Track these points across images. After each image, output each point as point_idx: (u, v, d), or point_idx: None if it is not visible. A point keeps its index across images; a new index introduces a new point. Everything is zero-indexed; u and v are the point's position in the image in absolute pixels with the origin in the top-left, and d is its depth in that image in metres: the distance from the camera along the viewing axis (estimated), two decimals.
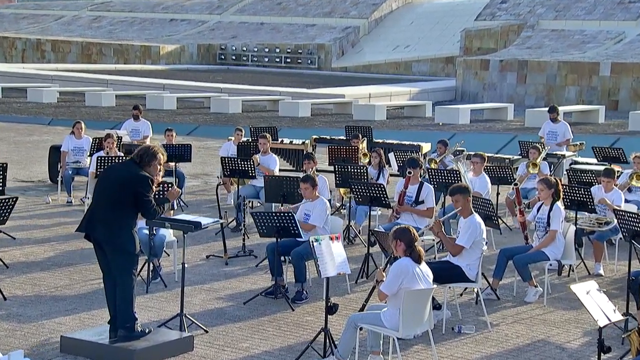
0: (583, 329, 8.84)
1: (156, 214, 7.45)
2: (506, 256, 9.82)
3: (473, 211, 8.97)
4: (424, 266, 7.35)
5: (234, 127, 24.00)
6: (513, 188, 10.78)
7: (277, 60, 47.99)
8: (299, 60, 47.57)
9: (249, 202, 12.44)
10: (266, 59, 48.24)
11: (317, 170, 11.85)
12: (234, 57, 49.27)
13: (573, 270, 10.65)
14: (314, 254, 7.57)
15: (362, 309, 7.72)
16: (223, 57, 49.43)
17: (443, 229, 9.05)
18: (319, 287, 9.84)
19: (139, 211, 7.44)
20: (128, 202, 7.37)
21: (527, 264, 9.68)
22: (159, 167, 7.57)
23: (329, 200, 11.28)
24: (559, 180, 10.08)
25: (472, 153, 13.12)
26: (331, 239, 7.71)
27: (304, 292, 9.43)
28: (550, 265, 10.02)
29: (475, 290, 9.45)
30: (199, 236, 12.31)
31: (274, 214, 9.16)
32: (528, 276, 9.69)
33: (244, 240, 11.40)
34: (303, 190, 9.73)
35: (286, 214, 9.11)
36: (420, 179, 10.91)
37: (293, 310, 9.05)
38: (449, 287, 8.86)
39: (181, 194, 12.69)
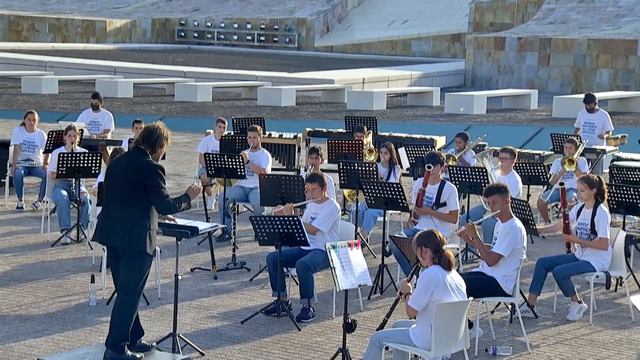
0: (637, 350, 9.26)
1: (172, 208, 7.84)
2: (545, 267, 10.22)
3: (513, 214, 9.38)
4: (455, 274, 7.74)
5: (205, 118, 24.66)
6: (558, 187, 11.18)
7: (249, 38, 48.40)
8: (275, 39, 48.00)
9: (237, 206, 12.75)
10: (235, 37, 48.65)
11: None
12: (196, 35, 49.63)
13: (621, 284, 11.10)
14: (331, 263, 7.95)
15: (381, 326, 8.07)
16: (183, 34, 49.78)
17: (478, 234, 9.43)
18: (327, 304, 10.24)
19: (150, 207, 7.85)
20: (141, 197, 7.76)
21: (570, 276, 10.08)
22: (165, 149, 7.99)
23: None
24: (602, 179, 10.43)
25: (499, 148, 13.55)
26: (350, 245, 8.10)
27: (311, 309, 9.82)
28: (597, 277, 10.44)
29: (510, 306, 9.86)
30: (179, 246, 12.65)
31: (277, 219, 9.53)
32: (571, 290, 10.09)
33: (234, 250, 11.78)
34: (310, 191, 10.11)
35: (291, 219, 9.48)
36: (441, 178, 11.29)
37: (299, 330, 9.44)
38: (482, 302, 9.27)
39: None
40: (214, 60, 40.16)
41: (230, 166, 12.80)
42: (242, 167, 12.80)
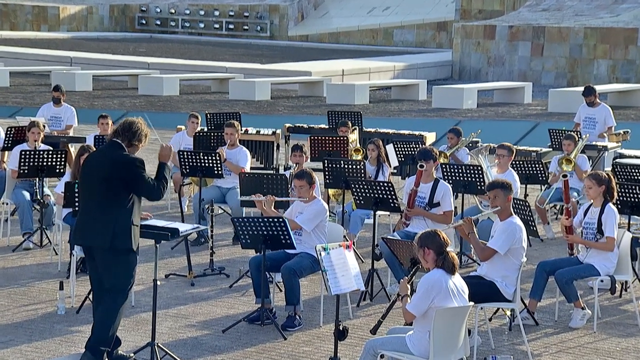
0: None
1: (163, 189, 8.12)
2: (546, 271, 10.42)
3: (513, 213, 9.62)
4: (458, 278, 7.94)
5: (173, 113, 24.80)
6: (562, 179, 11.38)
7: (216, 26, 48.56)
8: (245, 27, 48.19)
9: (211, 207, 12.86)
10: (201, 25, 48.79)
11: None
12: (158, 22, 49.72)
13: (626, 290, 11.36)
14: (322, 266, 8.15)
15: (375, 329, 8.20)
16: (144, 22, 49.86)
17: (475, 230, 9.66)
18: (313, 312, 10.44)
19: (134, 200, 8.05)
20: (122, 193, 7.94)
21: (573, 280, 10.31)
22: (143, 145, 8.20)
23: None
24: (611, 176, 10.67)
25: (494, 145, 13.81)
26: (342, 247, 8.30)
27: (297, 317, 10.01)
28: (602, 281, 10.68)
29: (508, 313, 10.08)
30: (150, 251, 12.81)
31: (261, 220, 9.72)
32: (574, 296, 10.31)
33: (211, 255, 11.95)
34: (297, 188, 10.31)
35: (276, 220, 9.67)
36: (434, 176, 11.52)
37: (285, 339, 9.62)
38: (481, 308, 9.50)
39: None
40: (179, 50, 40.30)
41: (207, 164, 12.95)
42: (219, 165, 12.96)
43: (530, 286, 10.56)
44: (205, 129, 16.45)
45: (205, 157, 13.02)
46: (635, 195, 11.76)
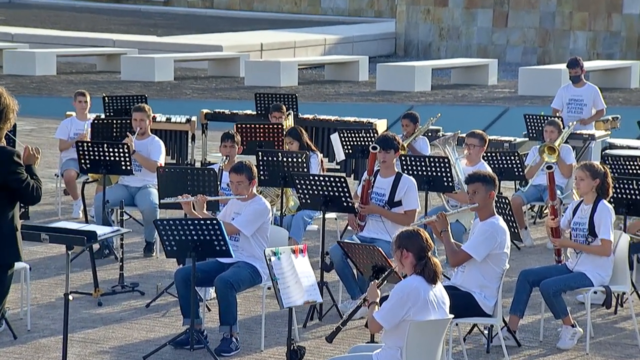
0: None
1: (38, 192, 8.38)
2: (529, 282, 10.90)
3: (495, 212, 10.17)
4: (439, 288, 8.35)
5: (51, 97, 24.93)
6: (544, 170, 11.76)
7: None
8: None
9: (120, 210, 13.12)
10: None
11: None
12: None
13: (622, 305, 11.94)
14: (272, 275, 8.66)
15: (332, 337, 8.45)
16: None
17: (450, 229, 10.16)
18: (251, 334, 10.92)
19: (14, 203, 8.40)
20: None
21: (561, 292, 10.79)
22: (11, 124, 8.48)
23: None
24: (608, 171, 11.12)
25: (460, 133, 14.29)
26: (294, 252, 8.82)
27: (233, 339, 10.44)
28: (595, 293, 11.25)
29: (486, 330, 10.60)
30: (43, 264, 13.21)
31: (191, 223, 10.12)
32: (563, 310, 10.79)
33: (121, 269, 12.34)
34: (235, 184, 10.72)
35: (210, 222, 10.11)
36: (396, 169, 11.96)
37: None
38: (455, 325, 10.03)
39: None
40: (50, 18, 40.22)
41: (112, 158, 13.25)
42: (127, 159, 13.27)
43: (510, 301, 10.97)
44: (103, 116, 16.71)
45: (110, 150, 13.27)
46: (633, 192, 12.22)
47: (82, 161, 13.45)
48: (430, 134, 16.08)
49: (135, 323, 11.32)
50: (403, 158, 13.12)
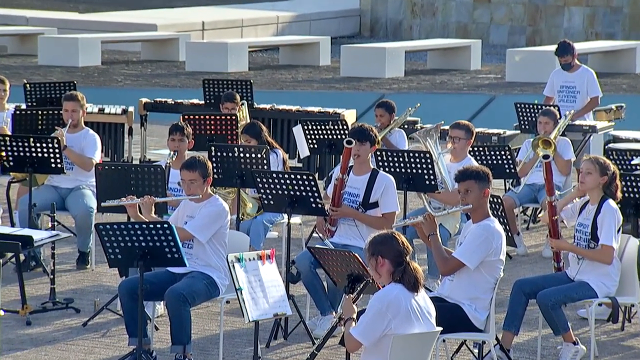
0: None
1: None
2: (525, 293, 11.05)
3: (490, 214, 10.30)
4: (422, 296, 8.49)
5: None
6: (542, 161, 11.79)
7: None
8: None
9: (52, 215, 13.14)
10: None
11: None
12: None
13: (630, 320, 12.12)
14: (235, 284, 8.77)
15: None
16: None
17: (438, 231, 10.27)
18: (207, 355, 11.04)
19: None
20: None
21: (561, 304, 10.94)
22: None
23: None
24: (617, 171, 11.26)
25: (443, 124, 14.42)
26: (260, 258, 8.93)
27: None
28: (600, 305, 11.39)
29: (476, 349, 10.74)
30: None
31: (138, 227, 10.17)
32: (563, 325, 10.94)
33: (52, 283, 12.37)
34: (187, 183, 10.83)
35: (160, 226, 10.18)
36: (371, 166, 12.05)
37: None
38: (443, 341, 10.18)
39: None
40: None
41: (39, 154, 13.26)
42: (57, 155, 13.29)
43: (503, 316, 11.14)
44: (24, 106, 16.69)
45: (37, 145, 13.29)
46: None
47: (5, 160, 13.44)
48: (406, 126, 16.11)
49: (71, 344, 11.39)
50: (378, 153, 13.14)
